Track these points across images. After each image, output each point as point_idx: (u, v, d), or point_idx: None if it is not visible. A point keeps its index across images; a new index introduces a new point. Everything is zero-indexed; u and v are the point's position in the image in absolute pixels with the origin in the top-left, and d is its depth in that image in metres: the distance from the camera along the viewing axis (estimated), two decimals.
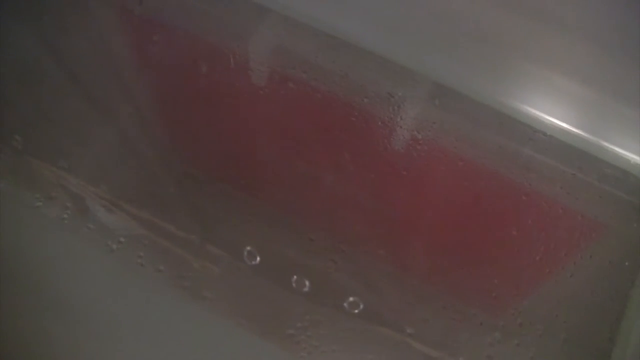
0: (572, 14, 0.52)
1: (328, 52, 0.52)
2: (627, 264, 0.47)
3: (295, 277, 0.62)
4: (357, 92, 0.52)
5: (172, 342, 0.65)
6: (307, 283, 0.63)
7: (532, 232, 0.54)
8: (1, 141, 0.73)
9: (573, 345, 0.52)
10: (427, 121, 0.51)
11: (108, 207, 0.69)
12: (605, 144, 0.46)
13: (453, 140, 0.51)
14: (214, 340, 0.62)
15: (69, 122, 0.73)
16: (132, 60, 0.69)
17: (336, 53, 0.51)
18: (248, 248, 0.64)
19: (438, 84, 0.50)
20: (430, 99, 0.51)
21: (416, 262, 0.60)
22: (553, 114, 0.47)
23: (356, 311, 0.61)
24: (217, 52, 0.60)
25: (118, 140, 0.72)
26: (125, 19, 0.68)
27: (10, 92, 0.74)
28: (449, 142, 0.52)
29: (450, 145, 0.52)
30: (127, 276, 0.68)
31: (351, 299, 0.61)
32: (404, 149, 0.52)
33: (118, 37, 0.68)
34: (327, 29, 0.50)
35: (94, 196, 0.70)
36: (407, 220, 0.59)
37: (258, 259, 0.64)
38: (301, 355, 0.58)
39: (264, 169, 0.63)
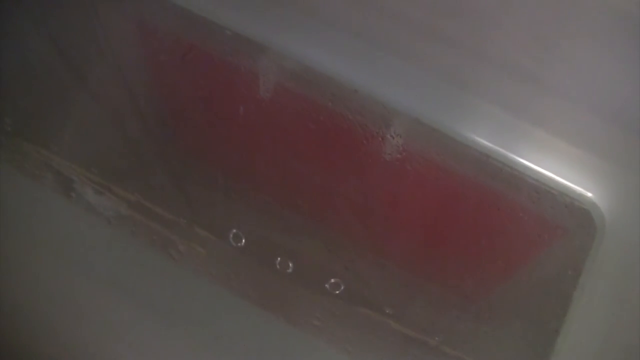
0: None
1: (340, 94, 0.58)
2: (570, 273, 0.55)
3: (279, 259, 0.65)
4: (357, 119, 0.58)
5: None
6: (290, 265, 0.65)
7: (495, 232, 0.60)
8: None
9: (528, 329, 0.59)
10: (412, 139, 0.58)
11: (97, 189, 0.71)
12: (559, 178, 0.54)
13: (433, 152, 0.57)
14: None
15: (60, 106, 0.74)
16: (127, 50, 0.69)
17: (345, 92, 0.58)
18: (234, 231, 0.67)
19: (420, 121, 0.57)
20: (415, 126, 0.57)
21: (396, 250, 0.64)
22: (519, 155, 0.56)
23: (337, 292, 0.64)
24: (225, 62, 0.63)
25: (110, 124, 0.73)
26: (123, 15, 0.68)
27: (1, 76, 0.73)
28: (430, 153, 0.58)
29: (431, 156, 0.58)
30: (116, 254, 0.71)
31: (332, 280, 0.64)
32: (392, 159, 0.58)
33: (117, 31, 0.68)
34: (339, 78, 0.57)
35: (84, 179, 0.71)
36: (391, 214, 0.64)
37: (243, 241, 0.67)
38: None
39: (260, 164, 0.67)
